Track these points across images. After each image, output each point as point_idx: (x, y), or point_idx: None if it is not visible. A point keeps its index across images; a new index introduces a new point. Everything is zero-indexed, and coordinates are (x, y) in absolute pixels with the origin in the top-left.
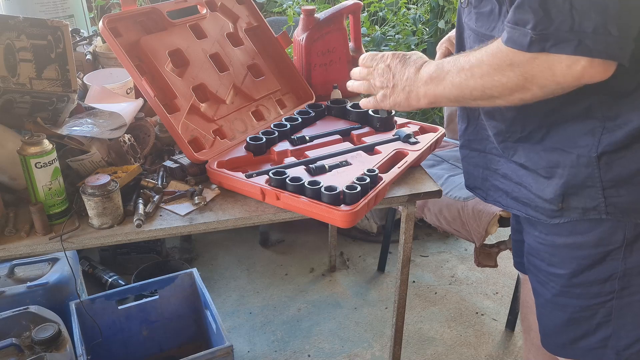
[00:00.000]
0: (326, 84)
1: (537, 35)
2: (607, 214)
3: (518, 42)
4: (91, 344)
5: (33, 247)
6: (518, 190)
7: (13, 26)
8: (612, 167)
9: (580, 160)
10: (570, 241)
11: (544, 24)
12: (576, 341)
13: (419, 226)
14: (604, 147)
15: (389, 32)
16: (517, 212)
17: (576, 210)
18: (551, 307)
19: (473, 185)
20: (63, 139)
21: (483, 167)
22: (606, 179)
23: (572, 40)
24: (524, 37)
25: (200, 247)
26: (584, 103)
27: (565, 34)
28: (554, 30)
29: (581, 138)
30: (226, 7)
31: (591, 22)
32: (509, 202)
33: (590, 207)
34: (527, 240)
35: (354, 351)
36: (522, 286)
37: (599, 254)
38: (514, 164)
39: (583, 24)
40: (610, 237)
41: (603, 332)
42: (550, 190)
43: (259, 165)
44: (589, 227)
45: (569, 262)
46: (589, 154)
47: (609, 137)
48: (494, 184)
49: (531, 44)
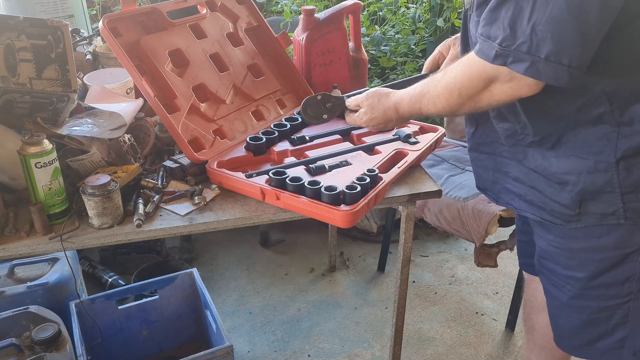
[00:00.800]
0: (326, 84)
1: (501, 50)
2: (625, 219)
3: (485, 53)
4: (91, 344)
5: (33, 247)
6: (532, 194)
7: (13, 26)
8: (632, 171)
9: (598, 166)
10: (588, 245)
11: (509, 41)
12: (593, 342)
13: (419, 226)
14: (623, 152)
15: (389, 32)
16: (531, 215)
17: (594, 216)
18: (567, 309)
19: (484, 187)
20: (63, 139)
21: (493, 169)
22: (625, 184)
23: (526, 61)
24: (490, 49)
25: (200, 247)
26: (595, 111)
27: (522, 54)
28: (514, 49)
29: (596, 143)
30: (226, 7)
31: (546, 48)
32: (522, 205)
33: (609, 213)
34: (539, 243)
35: (354, 351)
36: (527, 286)
37: (618, 256)
38: (525, 168)
39: (539, 48)
40: (630, 240)
41: (620, 332)
42: (566, 195)
43: (259, 165)
44: (606, 231)
45: (586, 265)
46: (607, 159)
47: (625, 142)
48: (505, 186)
49: (495, 57)
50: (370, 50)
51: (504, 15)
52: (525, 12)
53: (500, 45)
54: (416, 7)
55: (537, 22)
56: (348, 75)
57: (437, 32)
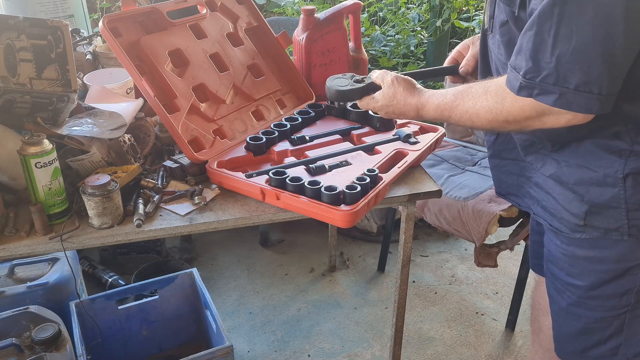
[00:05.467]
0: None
1: (526, 82)
2: (629, 236)
3: (512, 84)
4: (91, 344)
5: (33, 247)
6: (547, 200)
7: (13, 26)
8: (639, 189)
9: (607, 180)
10: (591, 254)
11: (533, 73)
12: (587, 350)
13: (419, 226)
14: (631, 169)
15: (389, 32)
16: (543, 221)
17: (598, 230)
18: (565, 315)
19: (505, 192)
20: (63, 139)
21: (518, 174)
22: (632, 200)
23: (554, 93)
24: (516, 81)
25: (200, 247)
26: (612, 129)
27: (549, 86)
28: (539, 82)
29: (607, 157)
30: (226, 7)
31: (574, 79)
32: (538, 210)
33: (613, 228)
34: (548, 246)
35: (354, 351)
36: (536, 288)
37: (619, 269)
38: (543, 175)
39: (567, 79)
40: (632, 254)
41: (614, 341)
42: (576, 204)
43: (259, 165)
44: (611, 243)
45: (587, 275)
46: (615, 174)
47: (636, 160)
48: (528, 191)
49: (520, 89)
50: (371, 50)
51: (526, 47)
52: (547, 44)
53: (524, 77)
54: (416, 8)
55: (562, 54)
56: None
57: (437, 32)
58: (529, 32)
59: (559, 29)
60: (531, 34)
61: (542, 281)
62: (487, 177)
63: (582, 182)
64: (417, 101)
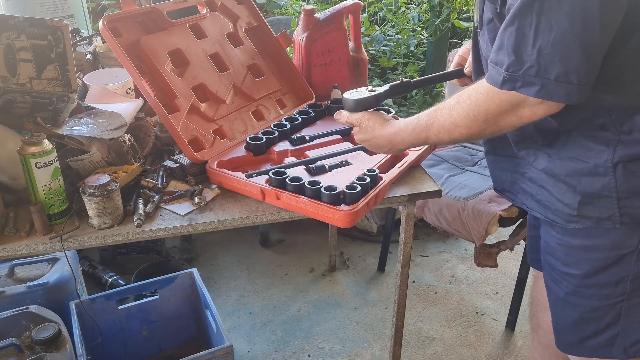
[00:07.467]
0: (326, 83)
1: (509, 75)
2: (621, 224)
3: (494, 79)
4: (91, 344)
5: (33, 247)
6: (541, 193)
7: (13, 26)
8: (629, 178)
9: (597, 170)
10: (585, 243)
11: (515, 66)
12: (584, 340)
13: (419, 226)
14: (620, 157)
15: (389, 32)
16: (538, 214)
17: (591, 219)
18: (563, 305)
19: (502, 188)
20: (63, 139)
21: (512, 170)
22: (622, 189)
23: (536, 84)
24: (498, 75)
25: (200, 247)
26: (597, 121)
27: (531, 77)
28: (522, 74)
29: (596, 148)
30: (226, 7)
31: (555, 70)
32: (533, 204)
33: (605, 217)
34: (545, 238)
35: (354, 351)
36: (535, 283)
37: (613, 257)
38: (536, 169)
39: (548, 70)
40: (625, 242)
41: (611, 331)
42: (569, 195)
43: (259, 165)
44: (604, 232)
45: (583, 263)
46: (605, 163)
47: (623, 149)
48: (522, 187)
49: (503, 83)
50: (371, 50)
51: (507, 42)
52: (529, 37)
53: (507, 70)
54: (416, 7)
55: (542, 46)
56: (348, 75)
57: (437, 32)
58: (510, 28)
59: (539, 22)
60: (512, 29)
61: (540, 276)
62: (487, 177)
63: (573, 173)
64: (387, 133)
